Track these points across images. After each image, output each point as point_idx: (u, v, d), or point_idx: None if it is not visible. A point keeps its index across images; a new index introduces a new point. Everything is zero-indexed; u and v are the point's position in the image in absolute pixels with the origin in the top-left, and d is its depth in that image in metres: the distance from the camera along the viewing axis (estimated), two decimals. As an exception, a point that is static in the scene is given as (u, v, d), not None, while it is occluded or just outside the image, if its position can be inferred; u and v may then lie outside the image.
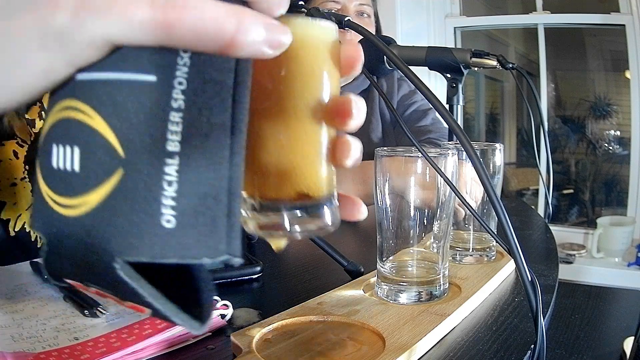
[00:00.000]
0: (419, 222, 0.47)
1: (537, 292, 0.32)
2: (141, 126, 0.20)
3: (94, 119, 0.20)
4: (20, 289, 0.51)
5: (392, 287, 0.48)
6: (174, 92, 0.20)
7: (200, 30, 0.19)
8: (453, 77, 0.88)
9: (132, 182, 0.20)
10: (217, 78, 0.20)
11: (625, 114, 2.22)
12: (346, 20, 0.48)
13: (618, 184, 2.35)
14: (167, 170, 0.20)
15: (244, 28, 0.19)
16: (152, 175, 0.20)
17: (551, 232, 0.81)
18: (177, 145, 0.20)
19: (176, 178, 0.20)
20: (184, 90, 0.20)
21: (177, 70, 0.20)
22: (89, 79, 0.20)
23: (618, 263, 2.11)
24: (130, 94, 0.20)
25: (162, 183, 0.20)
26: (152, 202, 0.20)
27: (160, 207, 0.20)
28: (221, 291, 0.49)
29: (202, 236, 0.20)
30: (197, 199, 0.20)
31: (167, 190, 0.20)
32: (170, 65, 0.20)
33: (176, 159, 0.20)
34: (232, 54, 0.20)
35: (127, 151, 0.20)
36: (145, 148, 0.20)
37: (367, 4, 1.16)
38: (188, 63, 0.20)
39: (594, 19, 2.16)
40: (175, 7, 0.19)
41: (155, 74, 0.20)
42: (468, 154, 0.32)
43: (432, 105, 0.34)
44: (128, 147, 0.20)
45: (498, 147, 0.61)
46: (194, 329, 0.22)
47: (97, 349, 0.38)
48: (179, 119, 0.20)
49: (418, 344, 0.39)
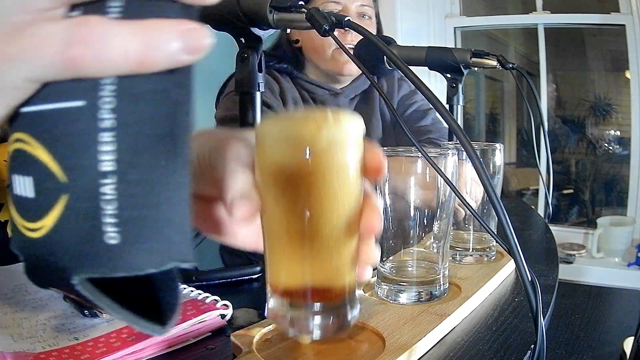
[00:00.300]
0: (419, 222, 0.47)
1: (537, 292, 0.32)
2: (77, 151, 0.20)
3: (37, 149, 0.21)
4: (20, 289, 0.51)
5: (392, 287, 0.48)
6: (99, 113, 0.20)
7: (106, 60, 0.19)
8: (453, 77, 0.88)
9: (76, 205, 0.20)
10: (146, 88, 0.20)
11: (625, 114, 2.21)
12: (346, 21, 0.48)
13: (618, 184, 2.35)
14: (104, 190, 0.20)
15: (153, 45, 0.19)
16: (92, 197, 0.20)
17: (551, 232, 0.81)
18: (112, 165, 0.20)
19: (114, 196, 0.20)
20: (112, 108, 0.20)
21: (102, 91, 0.20)
22: (30, 112, 0.21)
23: (618, 263, 2.11)
24: (64, 121, 0.20)
25: (100, 203, 0.20)
26: (94, 222, 0.20)
27: (103, 225, 0.20)
28: (221, 291, 0.49)
29: (146, 248, 0.21)
30: (138, 212, 0.20)
31: (107, 209, 0.20)
32: (94, 87, 0.20)
33: (111, 178, 0.20)
34: (147, 70, 0.20)
35: (68, 176, 0.20)
36: (82, 171, 0.20)
37: (368, 5, 1.15)
38: (115, 81, 0.20)
39: (594, 19, 2.16)
40: (79, 42, 0.19)
41: (83, 99, 0.20)
42: (468, 154, 0.32)
43: (432, 105, 0.35)
44: (68, 172, 0.20)
45: (498, 147, 0.61)
46: (155, 332, 0.23)
47: (97, 349, 0.38)
48: (110, 137, 0.20)
49: (418, 344, 0.39)
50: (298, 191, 0.32)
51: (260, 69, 0.61)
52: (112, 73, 0.20)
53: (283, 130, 0.31)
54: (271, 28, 0.56)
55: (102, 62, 0.19)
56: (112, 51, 0.19)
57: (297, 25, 0.52)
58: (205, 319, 0.43)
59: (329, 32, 0.48)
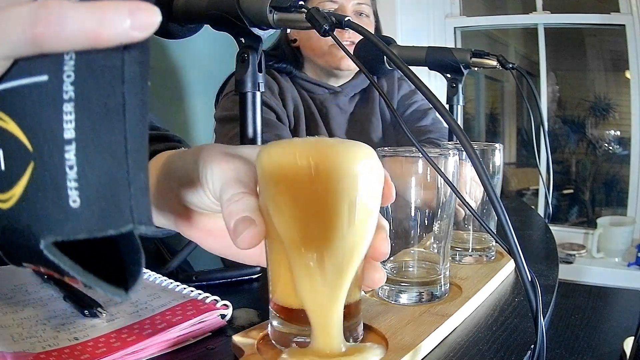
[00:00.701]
0: (420, 223, 0.47)
1: (537, 292, 0.32)
2: (42, 121, 0.23)
3: (9, 124, 0.23)
4: (20, 289, 0.51)
5: (392, 288, 0.48)
6: (63, 85, 0.22)
7: (65, 36, 0.22)
8: (453, 77, 0.88)
9: (41, 171, 0.23)
10: (103, 64, 0.23)
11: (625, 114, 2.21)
12: (346, 20, 0.48)
13: (618, 184, 2.35)
14: (67, 156, 0.22)
15: (106, 23, 0.22)
16: (56, 162, 0.22)
17: (551, 232, 0.81)
18: (72, 132, 0.22)
19: (75, 162, 0.22)
20: (72, 81, 0.22)
21: (65, 66, 0.22)
22: (1, 90, 0.23)
23: (618, 263, 2.11)
24: (31, 95, 0.23)
25: (64, 168, 0.22)
26: (58, 186, 0.22)
27: (66, 189, 0.22)
28: (221, 291, 0.49)
29: (105, 210, 0.23)
30: (98, 177, 0.22)
31: (69, 173, 0.22)
32: (58, 62, 0.23)
33: (73, 145, 0.22)
34: (102, 46, 0.22)
35: (34, 146, 0.23)
36: (47, 139, 0.22)
37: (365, 4, 1.15)
38: (74, 57, 0.23)
39: (594, 19, 2.16)
40: (42, 20, 0.22)
41: (47, 74, 0.23)
42: (468, 154, 0.32)
43: (432, 105, 0.35)
44: (35, 142, 0.23)
45: (498, 147, 0.61)
46: (118, 296, 0.24)
47: (97, 349, 0.38)
48: (71, 108, 0.22)
49: (421, 345, 0.39)
50: (307, 220, 0.32)
51: (260, 69, 0.61)
52: (71, 48, 0.22)
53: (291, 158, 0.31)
54: (271, 28, 0.56)
55: (61, 38, 0.22)
56: (70, 28, 0.21)
57: (297, 25, 0.52)
58: (205, 319, 0.43)
59: (329, 32, 0.48)
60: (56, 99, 0.22)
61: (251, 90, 0.60)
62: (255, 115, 0.61)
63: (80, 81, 0.22)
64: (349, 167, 0.31)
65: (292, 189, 0.32)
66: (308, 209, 0.32)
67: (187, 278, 0.54)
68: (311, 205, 0.32)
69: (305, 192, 0.32)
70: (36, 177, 0.23)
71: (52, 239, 0.23)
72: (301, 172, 0.31)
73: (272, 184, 0.33)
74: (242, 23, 0.56)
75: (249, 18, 0.55)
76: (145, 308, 0.45)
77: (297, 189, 0.32)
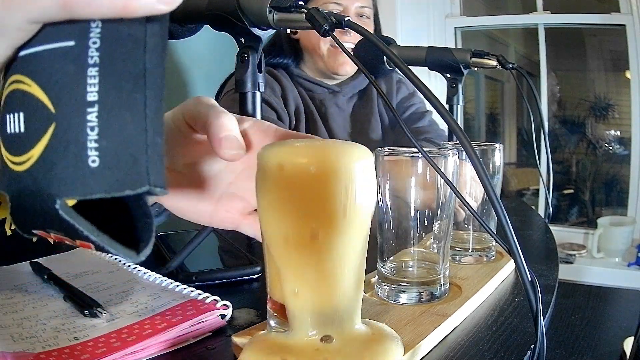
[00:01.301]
0: (420, 223, 0.47)
1: (537, 292, 0.32)
2: (67, 84, 0.23)
3: (32, 87, 0.24)
4: (20, 289, 0.51)
5: (392, 288, 0.48)
6: (89, 51, 0.24)
7: (95, 4, 0.23)
8: (453, 77, 0.88)
9: (63, 132, 0.23)
10: (127, 33, 0.24)
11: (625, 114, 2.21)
12: (346, 21, 0.48)
13: (618, 184, 2.35)
14: (89, 117, 0.23)
15: None
16: (78, 123, 0.23)
17: (551, 232, 0.81)
18: (96, 95, 0.23)
19: (97, 123, 0.23)
20: (98, 47, 0.24)
21: (91, 33, 0.24)
22: (26, 54, 0.25)
23: (618, 263, 2.10)
24: (56, 59, 0.24)
25: (86, 129, 0.23)
26: (79, 146, 0.23)
27: (86, 149, 0.23)
28: (221, 291, 0.49)
29: (123, 171, 0.23)
30: (118, 138, 0.23)
31: (90, 134, 0.23)
32: (85, 29, 0.24)
33: (95, 107, 0.23)
34: (129, 16, 0.23)
35: (57, 107, 0.23)
36: (70, 101, 0.23)
37: (367, 6, 1.16)
38: (100, 25, 0.24)
39: (594, 19, 2.16)
40: None
41: (74, 39, 0.24)
42: (468, 154, 0.32)
43: (432, 105, 0.34)
44: (57, 103, 0.23)
45: (498, 147, 0.61)
46: (129, 257, 0.25)
47: (97, 349, 0.38)
48: (96, 72, 0.23)
49: (421, 344, 0.39)
50: (305, 219, 0.33)
51: (260, 69, 0.61)
52: (100, 16, 0.23)
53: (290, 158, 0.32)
54: (271, 28, 0.56)
55: (92, 6, 0.23)
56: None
57: (297, 25, 0.52)
58: (205, 319, 0.43)
59: (329, 32, 0.48)
60: (82, 63, 0.23)
61: (251, 90, 0.60)
62: (255, 115, 0.61)
63: (106, 48, 0.24)
64: (346, 167, 0.32)
65: (290, 188, 0.33)
66: (306, 208, 0.32)
67: (187, 278, 0.54)
68: (309, 205, 0.32)
69: (303, 191, 0.32)
70: (57, 138, 0.23)
71: (70, 198, 0.23)
72: (299, 172, 0.32)
73: (271, 183, 0.33)
74: (242, 23, 0.56)
75: (249, 18, 0.55)
76: (145, 308, 0.45)
77: (295, 189, 0.32)
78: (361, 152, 0.34)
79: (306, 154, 0.32)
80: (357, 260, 0.34)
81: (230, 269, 0.57)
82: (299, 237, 0.33)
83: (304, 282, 0.34)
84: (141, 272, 0.54)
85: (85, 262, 0.59)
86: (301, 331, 0.34)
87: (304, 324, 0.34)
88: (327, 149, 0.33)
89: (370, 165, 0.34)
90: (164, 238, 0.67)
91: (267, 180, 0.34)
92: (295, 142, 0.34)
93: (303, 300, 0.34)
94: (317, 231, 0.32)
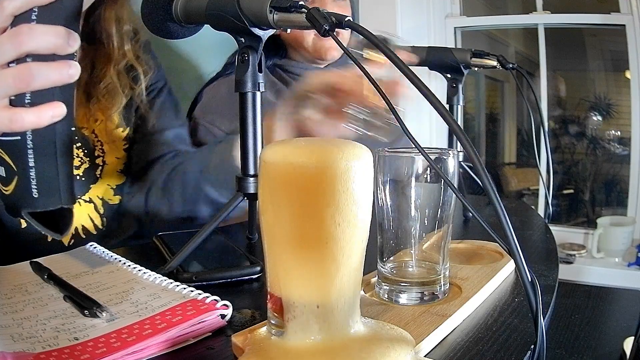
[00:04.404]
0: (420, 223, 0.47)
1: (537, 293, 0.32)
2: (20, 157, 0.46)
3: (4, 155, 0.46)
4: (20, 289, 0.51)
5: (392, 288, 0.48)
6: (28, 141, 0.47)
7: None
8: (453, 77, 0.88)
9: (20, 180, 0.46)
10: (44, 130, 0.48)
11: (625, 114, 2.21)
12: (346, 21, 0.48)
13: (618, 184, 2.35)
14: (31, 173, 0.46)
15: None
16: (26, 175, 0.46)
17: (551, 233, 0.81)
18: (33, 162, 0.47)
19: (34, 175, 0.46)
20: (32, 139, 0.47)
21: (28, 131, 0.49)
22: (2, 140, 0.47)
23: (618, 263, 2.10)
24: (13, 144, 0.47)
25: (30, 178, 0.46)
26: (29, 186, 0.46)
27: (31, 188, 0.46)
28: (221, 291, 0.49)
29: (49, 197, 0.48)
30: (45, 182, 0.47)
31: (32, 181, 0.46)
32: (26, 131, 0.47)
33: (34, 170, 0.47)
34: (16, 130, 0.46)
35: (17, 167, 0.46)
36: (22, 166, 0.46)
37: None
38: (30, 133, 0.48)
39: (594, 19, 2.15)
40: None
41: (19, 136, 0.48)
42: (468, 154, 0.32)
43: (432, 105, 0.35)
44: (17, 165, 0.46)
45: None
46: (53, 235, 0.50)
47: (97, 349, 0.38)
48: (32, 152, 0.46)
49: (421, 345, 0.39)
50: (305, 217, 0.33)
51: (260, 69, 0.61)
52: None
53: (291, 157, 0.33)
54: (271, 28, 0.56)
55: None
56: None
57: (297, 25, 0.52)
58: (205, 319, 0.43)
59: (329, 32, 0.48)
60: (25, 146, 0.46)
61: (251, 90, 0.60)
62: (255, 115, 0.61)
63: (35, 138, 0.46)
64: (346, 166, 0.32)
65: (290, 186, 0.33)
66: (306, 206, 0.33)
67: (187, 278, 0.54)
68: (309, 203, 0.33)
69: (303, 189, 0.33)
70: (19, 182, 0.46)
71: (27, 210, 0.47)
72: (300, 170, 0.32)
73: (272, 182, 0.33)
74: (242, 23, 0.55)
75: (249, 18, 0.55)
76: (145, 308, 0.45)
77: (296, 187, 0.33)
78: (361, 151, 0.34)
79: (306, 153, 0.33)
80: (356, 259, 0.34)
81: (230, 269, 0.57)
82: (299, 236, 0.33)
83: (304, 282, 0.34)
84: (141, 272, 0.54)
85: (85, 262, 0.59)
86: (301, 332, 0.34)
87: (303, 324, 0.34)
88: (327, 148, 0.33)
89: (370, 164, 0.34)
90: (164, 238, 0.67)
91: (268, 179, 0.34)
92: (296, 142, 0.35)
93: (302, 299, 0.34)
94: (318, 230, 0.33)
